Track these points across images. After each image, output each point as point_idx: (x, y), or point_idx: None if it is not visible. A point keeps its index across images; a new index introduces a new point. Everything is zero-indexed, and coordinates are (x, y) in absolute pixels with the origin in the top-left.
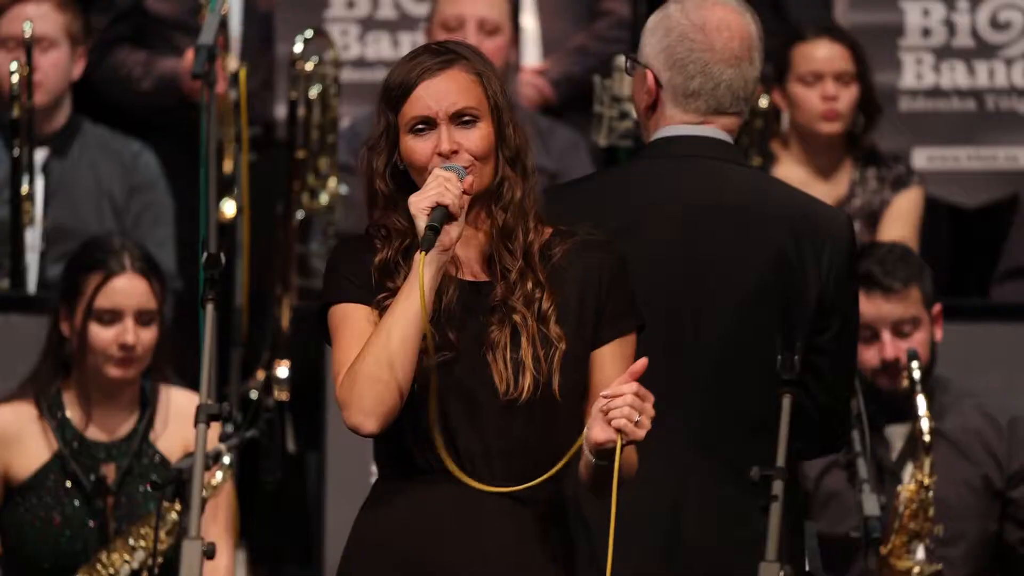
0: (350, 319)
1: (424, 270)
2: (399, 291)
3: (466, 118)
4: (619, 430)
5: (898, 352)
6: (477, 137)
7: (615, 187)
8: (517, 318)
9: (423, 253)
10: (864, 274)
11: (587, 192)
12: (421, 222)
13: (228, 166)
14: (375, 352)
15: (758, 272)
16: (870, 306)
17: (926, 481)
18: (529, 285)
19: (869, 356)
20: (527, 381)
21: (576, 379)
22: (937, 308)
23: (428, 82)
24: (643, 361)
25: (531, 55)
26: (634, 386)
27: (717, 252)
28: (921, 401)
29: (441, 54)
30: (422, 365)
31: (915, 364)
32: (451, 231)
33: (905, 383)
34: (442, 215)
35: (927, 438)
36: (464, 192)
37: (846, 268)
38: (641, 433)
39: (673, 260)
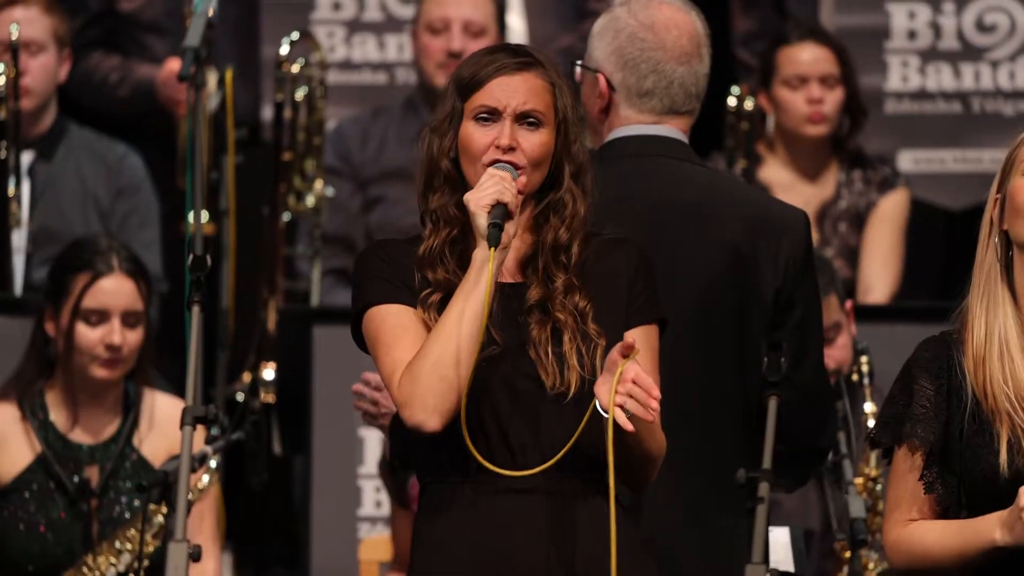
0: (392, 319)
1: (491, 266)
2: (459, 288)
3: (531, 119)
4: (621, 406)
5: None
6: (537, 142)
7: None
8: (559, 316)
9: (492, 249)
10: None
11: None
12: (481, 219)
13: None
14: (439, 349)
15: (715, 269)
16: None
17: (873, 474)
18: (572, 294)
19: None
20: (573, 376)
21: None
22: (848, 304)
23: (503, 78)
24: (635, 338)
25: None
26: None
27: (677, 250)
28: (869, 395)
29: (520, 55)
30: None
31: (864, 359)
32: (508, 229)
33: (856, 377)
34: (503, 213)
35: None
36: (519, 191)
37: (803, 263)
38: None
39: None
